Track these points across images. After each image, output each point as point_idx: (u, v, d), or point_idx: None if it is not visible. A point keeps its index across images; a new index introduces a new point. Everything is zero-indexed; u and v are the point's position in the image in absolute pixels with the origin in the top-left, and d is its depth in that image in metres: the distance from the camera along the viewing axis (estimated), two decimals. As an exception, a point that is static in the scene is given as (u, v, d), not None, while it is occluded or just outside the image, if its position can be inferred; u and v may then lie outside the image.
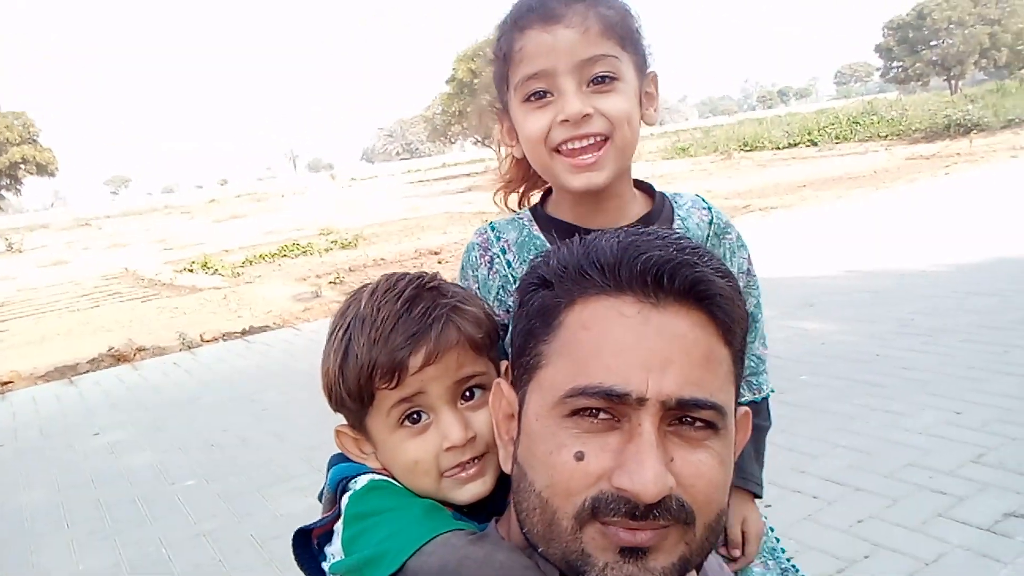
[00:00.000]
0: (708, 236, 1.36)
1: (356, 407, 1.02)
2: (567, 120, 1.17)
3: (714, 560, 1.00)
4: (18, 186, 63.83)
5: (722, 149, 33.35)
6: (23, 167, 60.91)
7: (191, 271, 15.67)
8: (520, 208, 1.43)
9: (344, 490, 1.02)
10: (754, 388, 1.47)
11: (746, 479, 1.47)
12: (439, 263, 12.47)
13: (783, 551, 1.61)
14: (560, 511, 0.77)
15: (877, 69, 71.80)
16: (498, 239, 1.35)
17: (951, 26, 51.50)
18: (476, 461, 1.01)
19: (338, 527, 0.98)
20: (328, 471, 1.07)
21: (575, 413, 0.77)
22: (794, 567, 1.61)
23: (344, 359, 1.00)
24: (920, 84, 57.02)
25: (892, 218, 11.63)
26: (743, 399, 1.18)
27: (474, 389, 1.03)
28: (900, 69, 56.30)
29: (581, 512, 0.76)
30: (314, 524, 1.02)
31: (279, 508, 4.19)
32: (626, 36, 1.20)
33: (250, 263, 15.85)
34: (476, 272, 1.34)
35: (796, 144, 30.65)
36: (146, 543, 3.99)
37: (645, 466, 0.73)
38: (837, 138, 29.98)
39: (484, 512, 1.00)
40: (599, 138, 1.19)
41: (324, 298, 10.51)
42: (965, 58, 50.97)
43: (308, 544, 1.02)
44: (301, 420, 5.53)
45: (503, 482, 0.98)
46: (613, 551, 0.76)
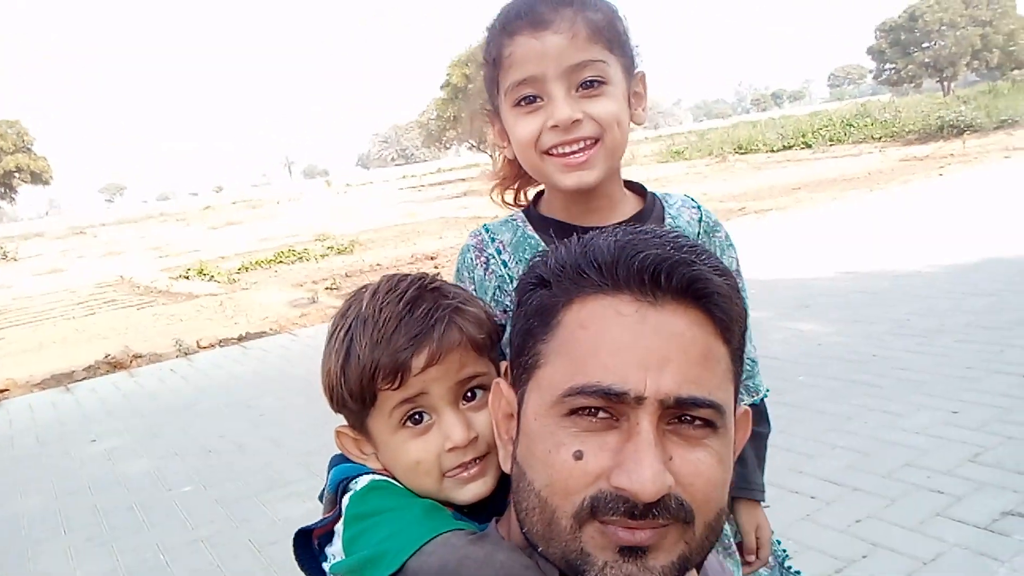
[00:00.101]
0: (699, 234, 1.38)
1: (358, 408, 1.02)
2: (557, 125, 1.19)
3: (714, 559, 1.00)
4: (12, 195, 63.69)
5: (717, 152, 33.42)
6: (17, 176, 60.79)
7: (187, 278, 15.64)
8: (516, 203, 1.45)
9: (345, 491, 1.02)
10: (751, 391, 1.48)
11: (752, 489, 1.48)
12: (435, 268, 12.45)
13: (784, 551, 1.62)
14: (559, 510, 0.77)
15: (870, 71, 72.01)
16: (493, 240, 1.36)
17: (943, 28, 51.64)
18: (478, 461, 1.01)
19: (339, 527, 0.98)
20: (329, 472, 1.07)
21: (573, 412, 0.77)
22: (793, 569, 1.62)
23: (346, 360, 1.00)
24: (913, 86, 57.14)
25: (887, 219, 11.66)
26: (742, 403, 1.18)
27: (476, 390, 1.03)
28: (893, 71, 56.38)
29: (580, 511, 0.76)
30: (315, 524, 1.02)
31: (276, 513, 4.19)
32: (613, 39, 1.22)
33: (246, 269, 15.83)
34: (472, 273, 1.35)
35: (790, 146, 30.74)
36: (144, 549, 3.99)
37: (643, 465, 0.73)
38: (831, 140, 30.07)
39: (484, 512, 1.00)
40: (589, 141, 1.21)
41: (320, 304, 10.50)
42: (957, 60, 51.11)
43: (309, 545, 1.02)
44: (298, 425, 5.52)
45: (503, 482, 0.98)
46: (612, 550, 0.76)
